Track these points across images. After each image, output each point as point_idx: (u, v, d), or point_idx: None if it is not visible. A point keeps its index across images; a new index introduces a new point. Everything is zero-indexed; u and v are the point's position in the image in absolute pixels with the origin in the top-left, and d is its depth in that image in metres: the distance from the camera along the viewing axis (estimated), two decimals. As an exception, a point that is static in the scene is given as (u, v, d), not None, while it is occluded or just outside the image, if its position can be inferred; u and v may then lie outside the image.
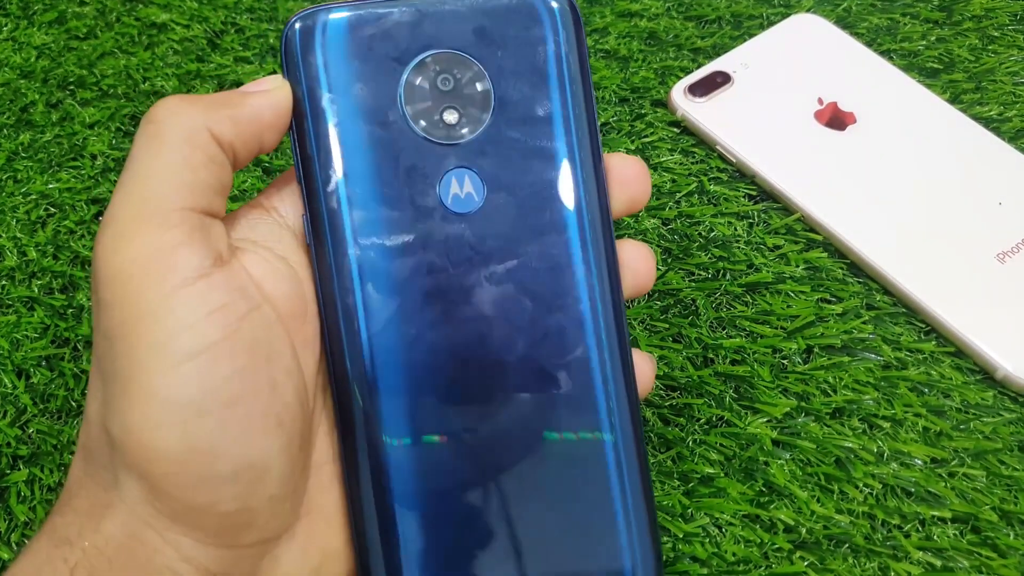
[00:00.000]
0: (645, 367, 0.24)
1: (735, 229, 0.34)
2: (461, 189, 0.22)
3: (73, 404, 0.32)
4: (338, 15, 0.22)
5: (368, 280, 0.22)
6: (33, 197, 0.37)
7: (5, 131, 0.40)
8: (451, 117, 0.22)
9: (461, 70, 0.22)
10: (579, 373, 0.22)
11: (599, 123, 0.38)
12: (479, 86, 0.22)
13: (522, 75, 0.22)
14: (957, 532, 0.27)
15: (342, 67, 0.22)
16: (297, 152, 0.22)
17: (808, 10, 0.41)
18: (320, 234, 0.22)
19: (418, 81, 0.22)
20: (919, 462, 0.29)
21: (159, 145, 0.21)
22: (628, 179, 0.24)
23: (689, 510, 0.28)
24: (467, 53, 0.22)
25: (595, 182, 0.22)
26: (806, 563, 0.27)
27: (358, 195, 0.22)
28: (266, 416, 0.21)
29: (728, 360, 0.31)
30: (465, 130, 0.22)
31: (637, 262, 0.24)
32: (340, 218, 0.22)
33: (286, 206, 0.23)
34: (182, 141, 0.21)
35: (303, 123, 0.22)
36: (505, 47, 0.22)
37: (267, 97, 0.22)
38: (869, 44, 0.39)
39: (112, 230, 0.20)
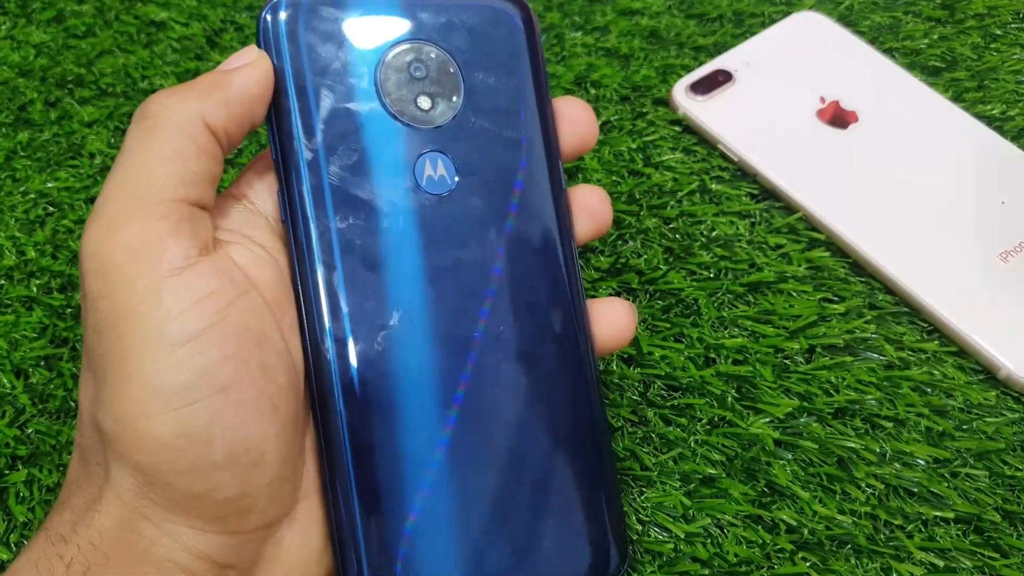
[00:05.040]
0: (621, 315, 0.25)
1: (737, 228, 0.34)
2: (435, 171, 0.23)
3: (72, 404, 0.31)
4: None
5: (344, 254, 0.22)
6: (32, 196, 0.37)
7: (3, 130, 0.40)
8: (425, 103, 0.23)
9: (433, 60, 0.23)
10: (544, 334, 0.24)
11: (600, 121, 0.38)
12: (450, 76, 0.23)
13: (487, 68, 0.24)
14: (960, 532, 0.27)
15: (319, 49, 0.22)
16: (275, 129, 0.22)
17: (810, 8, 0.41)
18: (296, 210, 0.22)
19: (394, 67, 0.23)
20: (922, 462, 0.28)
21: (152, 138, 0.21)
22: (576, 120, 0.25)
23: (691, 511, 0.28)
24: (438, 45, 0.23)
25: (551, 169, 0.24)
26: (808, 564, 0.26)
27: (336, 172, 0.22)
28: (260, 400, 0.21)
29: (730, 360, 0.31)
30: (437, 116, 0.23)
31: (595, 204, 0.26)
32: (317, 193, 0.22)
33: (256, 193, 0.24)
34: (175, 133, 0.21)
35: (281, 100, 0.22)
36: (471, 42, 0.24)
37: (251, 71, 0.22)
38: (871, 42, 0.39)
39: (99, 223, 0.20)
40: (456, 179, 0.23)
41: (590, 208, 0.26)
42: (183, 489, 0.20)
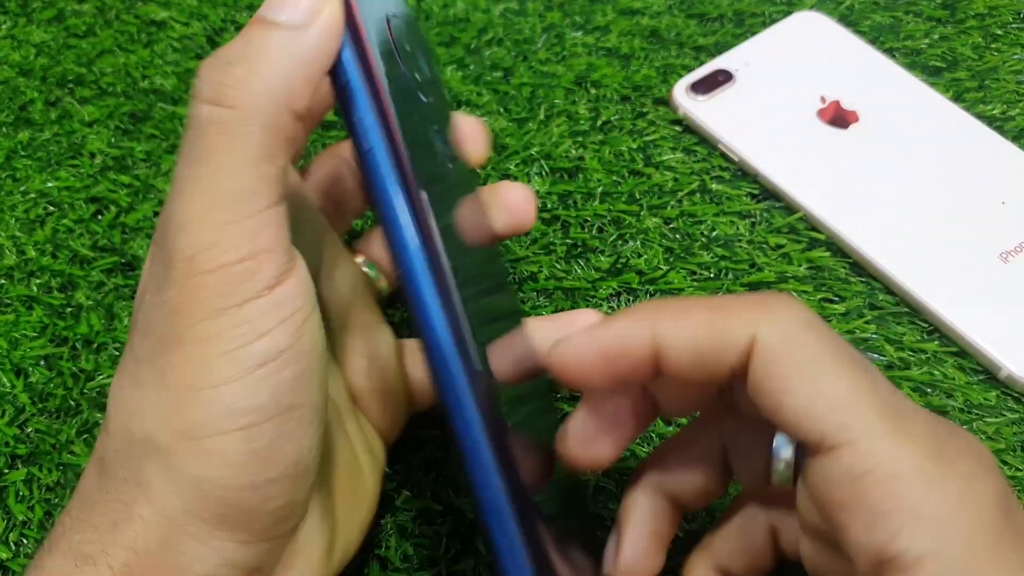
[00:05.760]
0: (520, 198, 0.26)
1: (737, 228, 0.34)
2: (442, 144, 0.23)
3: (72, 403, 0.31)
4: None
5: (436, 214, 0.21)
6: (32, 196, 0.37)
7: (4, 129, 0.40)
8: (418, 77, 0.23)
9: (408, 36, 0.23)
10: None
11: (600, 121, 0.38)
12: (420, 53, 0.24)
13: (421, 54, 0.24)
14: (960, 533, 0.27)
15: (357, 23, 0.21)
16: (356, 92, 0.20)
17: (811, 8, 0.41)
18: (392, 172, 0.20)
19: (398, 36, 0.22)
20: (922, 463, 0.28)
21: (238, 136, 0.19)
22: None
23: (691, 511, 0.28)
24: (400, 22, 0.23)
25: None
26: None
27: (410, 138, 0.21)
28: (315, 415, 0.21)
29: (730, 360, 0.31)
30: (426, 91, 0.23)
31: (516, 202, 0.26)
32: (400, 155, 0.20)
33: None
34: (263, 129, 0.19)
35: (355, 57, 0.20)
36: (408, 27, 0.24)
37: (329, 27, 0.19)
38: (872, 42, 0.39)
39: (193, 231, 0.19)
40: (448, 152, 0.23)
41: (509, 203, 0.26)
42: (238, 504, 0.20)
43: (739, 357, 0.18)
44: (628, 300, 0.33)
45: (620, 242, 0.34)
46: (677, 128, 0.38)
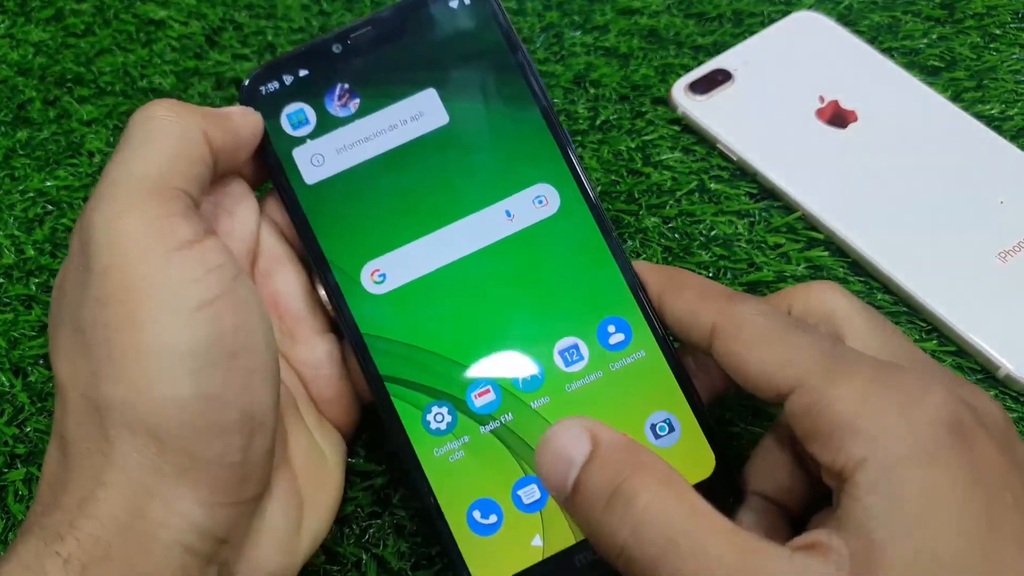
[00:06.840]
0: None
1: (736, 228, 0.34)
2: None
3: (71, 403, 0.31)
4: None
5: None
6: (31, 195, 0.37)
7: (2, 128, 0.40)
8: None
9: None
10: None
11: (599, 120, 0.38)
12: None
13: None
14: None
15: None
16: None
17: (809, 7, 0.41)
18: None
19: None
20: (920, 462, 0.28)
21: (159, 137, 0.23)
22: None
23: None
24: None
25: None
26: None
27: None
28: (264, 370, 0.22)
29: (729, 359, 0.31)
30: None
31: None
32: None
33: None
34: (181, 137, 0.23)
35: None
36: None
37: (246, 117, 0.25)
38: (870, 42, 0.39)
39: (110, 203, 0.21)
40: None
41: None
42: (197, 453, 0.20)
43: (707, 337, 0.22)
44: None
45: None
46: (676, 128, 0.38)
